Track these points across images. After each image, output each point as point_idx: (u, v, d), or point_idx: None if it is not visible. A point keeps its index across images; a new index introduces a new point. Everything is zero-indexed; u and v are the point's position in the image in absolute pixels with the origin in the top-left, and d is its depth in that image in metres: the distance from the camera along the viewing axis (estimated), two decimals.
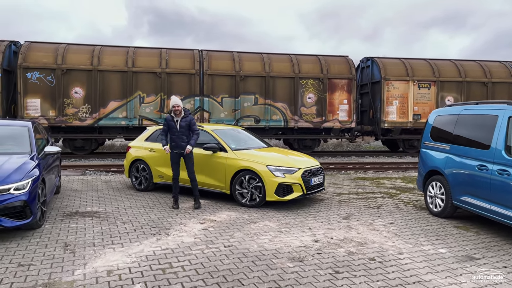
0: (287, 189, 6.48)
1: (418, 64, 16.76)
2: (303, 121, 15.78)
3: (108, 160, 14.48)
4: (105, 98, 14.49)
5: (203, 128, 7.57)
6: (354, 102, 16.08)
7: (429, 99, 16.45)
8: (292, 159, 6.94)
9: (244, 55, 15.82)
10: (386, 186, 8.93)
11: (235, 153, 6.94)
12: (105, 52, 14.75)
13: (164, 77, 14.74)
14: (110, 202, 7.03)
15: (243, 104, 15.38)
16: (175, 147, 6.69)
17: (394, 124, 16.34)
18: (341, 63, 16.30)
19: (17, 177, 4.86)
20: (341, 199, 7.47)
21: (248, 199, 6.66)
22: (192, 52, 15.55)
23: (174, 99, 6.69)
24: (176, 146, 6.69)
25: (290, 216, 6.12)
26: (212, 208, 6.61)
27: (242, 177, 6.70)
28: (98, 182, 9.25)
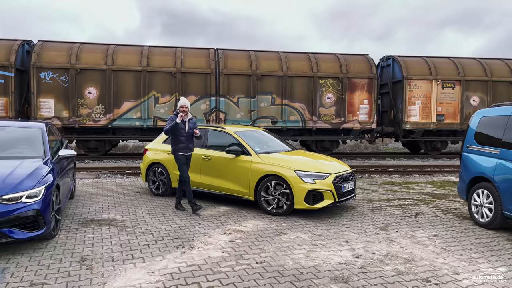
0: (317, 196, 5.99)
1: (441, 62, 16.10)
2: (321, 122, 15.25)
3: (122, 162, 14.14)
4: (119, 98, 14.17)
5: (225, 130, 7.13)
6: (374, 102, 15.49)
7: (453, 99, 15.78)
8: (322, 164, 6.45)
9: (260, 54, 15.36)
10: (418, 192, 8.38)
11: (259, 157, 6.48)
12: (119, 51, 14.42)
13: (179, 76, 14.35)
14: (127, 208, 6.62)
15: (260, 105, 14.91)
16: (183, 148, 6.46)
17: (417, 125, 15.70)
18: (361, 61, 15.73)
19: (30, 184, 4.46)
20: (373, 206, 6.95)
21: (274, 206, 6.19)
22: (208, 51, 15.14)
23: (183, 99, 6.58)
24: (186, 147, 6.49)
25: (322, 226, 5.63)
26: (236, 216, 6.15)
27: (268, 182, 6.23)
28: (113, 185, 8.87)
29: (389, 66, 16.77)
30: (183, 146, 6.47)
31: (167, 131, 6.48)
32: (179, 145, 6.47)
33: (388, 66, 16.81)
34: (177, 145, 6.48)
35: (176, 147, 6.49)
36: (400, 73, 15.85)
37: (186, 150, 6.50)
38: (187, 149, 6.50)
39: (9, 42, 13.96)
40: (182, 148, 6.46)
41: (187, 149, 6.50)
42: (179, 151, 6.47)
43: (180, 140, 6.45)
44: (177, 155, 6.51)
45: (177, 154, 6.50)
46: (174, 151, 6.51)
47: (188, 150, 6.53)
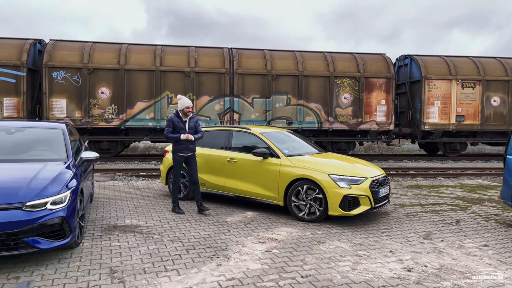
0: (353, 202, 5.64)
1: (461, 62, 15.68)
2: (338, 123, 14.89)
3: (135, 163, 13.87)
4: (132, 98, 13.89)
5: (251, 131, 6.80)
6: (392, 103, 15.11)
7: (473, 100, 15.35)
8: (357, 167, 6.09)
9: (275, 53, 15.03)
10: (449, 197, 8.00)
11: (289, 160, 6.14)
12: (132, 51, 14.15)
13: (193, 76, 14.06)
14: (149, 213, 6.31)
15: (275, 105, 14.58)
16: (183, 149, 6.33)
17: (436, 126, 15.29)
18: (378, 61, 15.35)
19: (55, 189, 4.16)
20: (408, 212, 6.59)
21: (306, 212, 5.85)
22: (222, 50, 14.83)
23: (186, 99, 6.36)
24: (186, 148, 6.34)
25: (360, 234, 5.29)
26: (266, 222, 5.81)
27: (299, 187, 5.89)
28: (130, 188, 8.57)
29: (406, 66, 16.37)
30: (182, 147, 6.33)
31: (168, 138, 6.36)
32: (179, 146, 6.34)
33: (405, 65, 16.40)
34: (177, 146, 6.35)
35: (176, 148, 6.37)
36: (418, 73, 15.45)
37: (186, 151, 6.34)
38: (186, 150, 6.34)
39: (20, 41, 13.73)
40: (181, 149, 6.33)
41: (186, 150, 6.34)
42: (178, 152, 6.35)
43: (180, 142, 6.30)
44: (175, 155, 6.41)
45: (175, 154, 6.40)
46: (174, 151, 6.39)
47: (187, 151, 6.34)
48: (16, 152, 4.95)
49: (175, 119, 6.36)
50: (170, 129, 6.35)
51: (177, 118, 6.37)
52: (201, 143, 7.21)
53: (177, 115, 6.40)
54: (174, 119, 6.36)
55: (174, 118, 6.37)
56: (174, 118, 6.37)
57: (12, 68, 13.11)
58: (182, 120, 6.38)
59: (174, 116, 6.39)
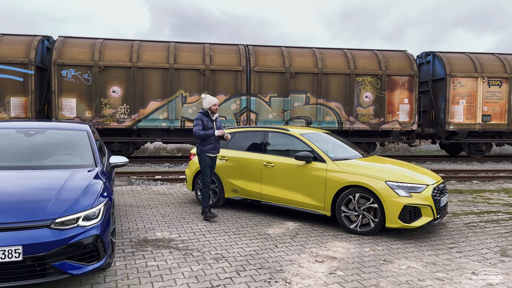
0: (414, 212, 5.01)
1: (486, 59, 15.02)
2: (359, 123, 14.24)
3: (147, 165, 13.25)
4: (144, 97, 13.26)
5: (289, 132, 6.16)
6: (415, 102, 14.45)
7: (500, 98, 14.69)
8: (414, 173, 5.45)
9: (293, 50, 14.39)
10: (499, 203, 7.36)
11: (336, 164, 5.50)
12: (144, 48, 13.51)
13: (208, 74, 13.42)
14: (179, 223, 5.68)
15: (293, 104, 13.93)
16: (212, 149, 5.95)
17: (461, 126, 14.63)
18: (401, 58, 14.70)
19: (87, 201, 3.54)
20: (466, 222, 5.95)
21: (358, 224, 5.21)
22: (238, 47, 14.19)
23: (211, 97, 6.07)
24: (214, 148, 5.99)
25: (426, 249, 4.65)
26: (314, 236, 5.17)
27: (350, 195, 5.26)
28: (151, 194, 7.94)
29: (428, 63, 15.70)
30: (211, 146, 5.93)
31: (201, 136, 5.84)
32: (208, 145, 5.90)
33: (427, 63, 15.74)
34: (205, 145, 5.90)
35: (204, 148, 5.91)
36: (442, 70, 14.79)
37: (214, 151, 5.98)
38: (215, 149, 6.01)
39: (28, 38, 13.11)
40: (210, 149, 5.92)
41: (215, 150, 6.01)
42: (206, 152, 5.90)
43: (209, 140, 5.88)
44: (203, 156, 5.93)
45: (203, 154, 5.93)
46: (201, 152, 5.92)
47: (216, 151, 6.04)
48: (37, 157, 4.32)
49: (204, 118, 5.93)
50: (201, 126, 5.87)
51: (206, 117, 5.96)
52: (232, 145, 6.59)
53: (205, 114, 5.96)
54: (203, 118, 5.93)
55: (203, 117, 5.93)
56: (203, 117, 5.93)
57: (19, 66, 12.48)
58: (211, 119, 5.98)
59: (202, 115, 5.95)
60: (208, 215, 5.85)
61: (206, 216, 5.87)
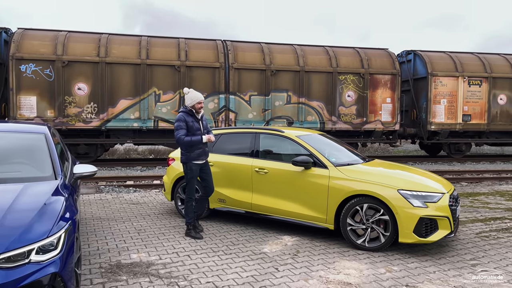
0: (430, 225, 4.42)
1: (466, 58, 14.92)
2: (341, 123, 13.76)
3: (118, 169, 12.22)
4: (114, 95, 12.22)
5: (284, 134, 5.46)
6: (398, 101, 14.13)
7: (480, 98, 14.61)
8: (427, 180, 4.87)
9: (274, 47, 13.73)
10: (500, 208, 6.96)
11: (340, 170, 4.85)
12: (113, 42, 12.46)
13: (184, 71, 12.54)
14: (159, 241, 4.86)
15: (274, 103, 13.27)
16: (200, 156, 5.03)
17: (442, 126, 14.44)
18: (383, 56, 14.34)
19: (43, 227, 2.70)
20: (476, 232, 5.44)
21: (367, 238, 4.58)
22: (215, 42, 13.38)
23: (196, 92, 5.12)
24: (203, 153, 5.06)
25: (447, 268, 4.07)
26: (317, 253, 4.50)
27: (357, 206, 4.62)
28: (123, 203, 7.04)
29: (409, 62, 15.46)
30: (200, 152, 5.02)
31: (186, 143, 4.91)
32: (195, 151, 4.97)
33: (408, 61, 15.50)
34: (192, 152, 4.97)
35: (190, 155, 4.98)
36: (423, 69, 14.56)
37: (203, 157, 5.08)
38: (204, 155, 5.10)
39: None
40: (198, 156, 5.00)
41: (204, 156, 5.10)
42: (194, 160, 4.98)
43: (197, 146, 4.98)
44: (190, 165, 5.00)
45: (189, 163, 4.99)
46: (187, 160, 4.99)
47: (205, 156, 5.13)
48: None
49: (188, 118, 5.00)
50: (184, 130, 4.96)
51: (190, 116, 5.02)
52: (218, 148, 5.82)
53: (189, 113, 5.03)
54: (187, 118, 4.99)
55: (187, 116, 5.00)
56: (187, 116, 5.00)
57: None
58: (197, 118, 5.06)
59: (186, 115, 5.01)
60: (192, 234, 5.03)
61: (190, 234, 5.05)
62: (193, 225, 5.11)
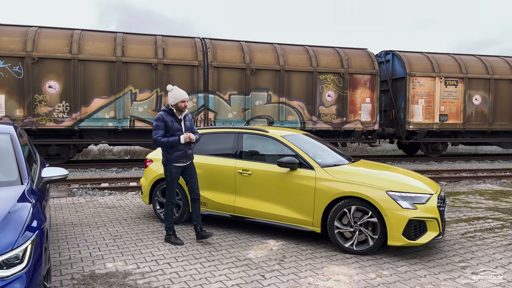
0: (419, 227, 4.32)
1: (443, 59, 15.15)
2: (322, 122, 13.70)
3: (92, 171, 11.75)
4: (87, 94, 11.73)
5: (269, 134, 5.26)
6: (377, 101, 14.19)
7: (456, 98, 14.86)
8: (415, 181, 4.77)
9: (254, 45, 13.53)
10: (481, 207, 6.99)
11: (327, 171, 4.69)
12: (87, 38, 11.97)
13: (161, 69, 12.17)
14: (137, 248, 4.57)
15: (254, 103, 13.08)
16: (181, 158, 4.73)
17: (420, 125, 14.60)
18: (362, 56, 14.37)
19: (6, 239, 2.41)
20: (461, 232, 5.40)
21: (355, 242, 4.43)
22: (194, 40, 13.07)
23: (180, 90, 4.81)
24: (184, 155, 4.75)
25: (438, 271, 3.96)
26: (303, 258, 4.32)
27: (344, 208, 4.47)
28: (97, 207, 6.68)
29: (387, 62, 15.58)
30: (180, 154, 4.73)
31: (162, 144, 4.67)
32: (175, 153, 4.70)
33: (387, 61, 15.62)
34: (171, 153, 4.70)
35: (169, 156, 4.72)
36: (402, 69, 14.69)
37: (185, 159, 4.76)
38: (185, 157, 4.77)
39: None
40: (178, 158, 4.72)
41: (185, 158, 4.77)
42: (175, 162, 4.70)
43: (176, 146, 4.70)
44: (169, 167, 4.74)
45: (169, 165, 4.73)
46: (166, 162, 4.73)
47: (186, 159, 4.79)
48: None
49: (167, 117, 4.72)
50: (162, 131, 4.69)
51: (169, 116, 4.74)
52: (198, 149, 5.57)
53: (169, 112, 4.76)
54: (166, 117, 4.72)
55: (166, 116, 4.73)
56: (166, 116, 4.73)
57: None
58: (177, 118, 4.77)
59: (165, 114, 4.74)
60: (172, 239, 4.76)
61: (170, 240, 4.78)
62: (172, 230, 4.84)
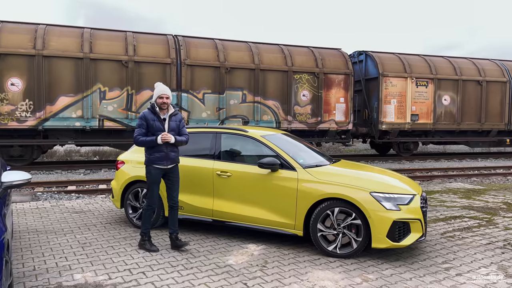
0: (403, 229, 4.24)
1: (414, 60, 15.44)
2: (297, 122, 13.63)
3: (58, 173, 11.17)
4: (52, 92, 11.16)
5: (248, 134, 5.06)
6: (351, 101, 14.27)
7: (426, 98, 15.18)
8: (397, 181, 4.69)
9: (228, 44, 13.29)
10: (455, 206, 7.06)
11: (309, 172, 4.54)
12: (52, 33, 11.38)
13: (132, 66, 11.74)
14: (108, 256, 4.26)
15: (229, 102, 12.85)
16: (161, 159, 4.47)
17: (392, 125, 14.82)
18: (336, 56, 14.42)
19: None
20: (440, 232, 5.39)
21: (338, 245, 4.30)
22: (166, 37, 12.69)
23: (162, 86, 4.60)
24: (165, 157, 4.49)
25: (423, 274, 3.89)
26: (286, 263, 4.15)
27: (328, 210, 4.33)
28: (64, 213, 6.26)
29: (361, 62, 15.72)
30: (160, 155, 4.47)
31: (140, 143, 4.47)
32: (155, 154, 4.46)
33: (360, 62, 15.76)
34: (152, 154, 4.47)
35: (150, 157, 4.49)
36: (375, 70, 14.85)
37: (166, 162, 4.49)
38: (166, 160, 4.49)
39: None
40: (158, 159, 4.47)
41: (166, 160, 4.49)
42: (154, 163, 4.47)
43: (157, 147, 4.45)
44: (149, 168, 4.51)
45: (149, 166, 4.50)
46: (147, 163, 4.51)
47: (167, 161, 4.50)
48: None
49: (149, 116, 4.47)
50: (143, 130, 4.46)
51: (152, 114, 4.48)
52: None
53: (152, 111, 4.51)
54: (148, 116, 4.47)
55: (148, 114, 4.48)
56: (148, 114, 4.48)
57: None
58: (160, 117, 4.51)
59: (148, 112, 4.50)
60: (147, 246, 4.48)
61: (144, 247, 4.49)
62: (148, 236, 4.55)
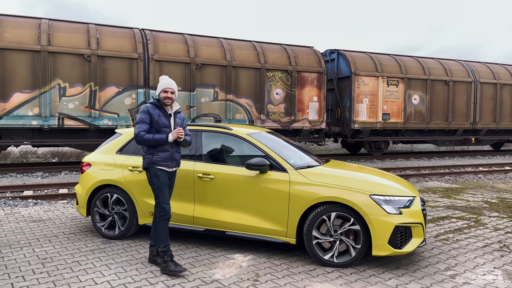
0: (405, 234, 3.92)
1: (385, 59, 15.51)
2: (270, 121, 13.27)
3: (13, 176, 10.19)
4: (6, 88, 10.18)
5: (232, 132, 4.59)
6: (324, 100, 14.09)
7: (397, 98, 15.28)
8: (394, 183, 4.37)
9: (199, 39, 12.72)
10: (439, 206, 6.92)
11: (302, 174, 4.14)
12: (5, 23, 10.39)
13: (95, 61, 10.93)
14: (73, 274, 3.66)
15: (200, 100, 12.29)
16: (166, 160, 3.89)
17: (364, 124, 14.79)
18: (309, 54, 14.19)
19: None
20: (432, 234, 5.15)
21: (335, 253, 3.93)
22: (132, 31, 11.95)
23: (166, 79, 4.01)
24: (170, 158, 3.92)
25: (429, 284, 3.58)
26: (280, 275, 3.72)
27: (324, 215, 3.94)
28: (20, 222, 5.52)
29: (333, 61, 15.61)
30: (166, 155, 3.90)
31: (146, 141, 3.83)
32: (159, 153, 3.87)
33: (332, 60, 15.64)
34: (156, 154, 3.87)
35: (153, 157, 3.87)
36: (347, 69, 14.76)
37: (171, 163, 3.94)
38: (171, 160, 3.94)
39: None
40: (164, 160, 3.89)
41: (171, 161, 3.94)
42: (159, 164, 3.86)
43: (162, 146, 3.88)
44: (154, 170, 3.87)
45: (153, 168, 3.87)
46: (149, 165, 3.88)
47: (173, 162, 3.97)
48: None
49: (153, 111, 3.89)
50: (146, 126, 3.85)
51: (157, 109, 3.91)
52: None
53: (157, 105, 3.94)
54: (153, 111, 3.89)
55: (153, 109, 3.90)
56: (153, 109, 3.90)
57: None
58: (166, 112, 3.94)
59: (152, 107, 3.91)
60: (171, 267, 3.66)
61: (169, 269, 3.66)
62: (170, 254, 3.79)
